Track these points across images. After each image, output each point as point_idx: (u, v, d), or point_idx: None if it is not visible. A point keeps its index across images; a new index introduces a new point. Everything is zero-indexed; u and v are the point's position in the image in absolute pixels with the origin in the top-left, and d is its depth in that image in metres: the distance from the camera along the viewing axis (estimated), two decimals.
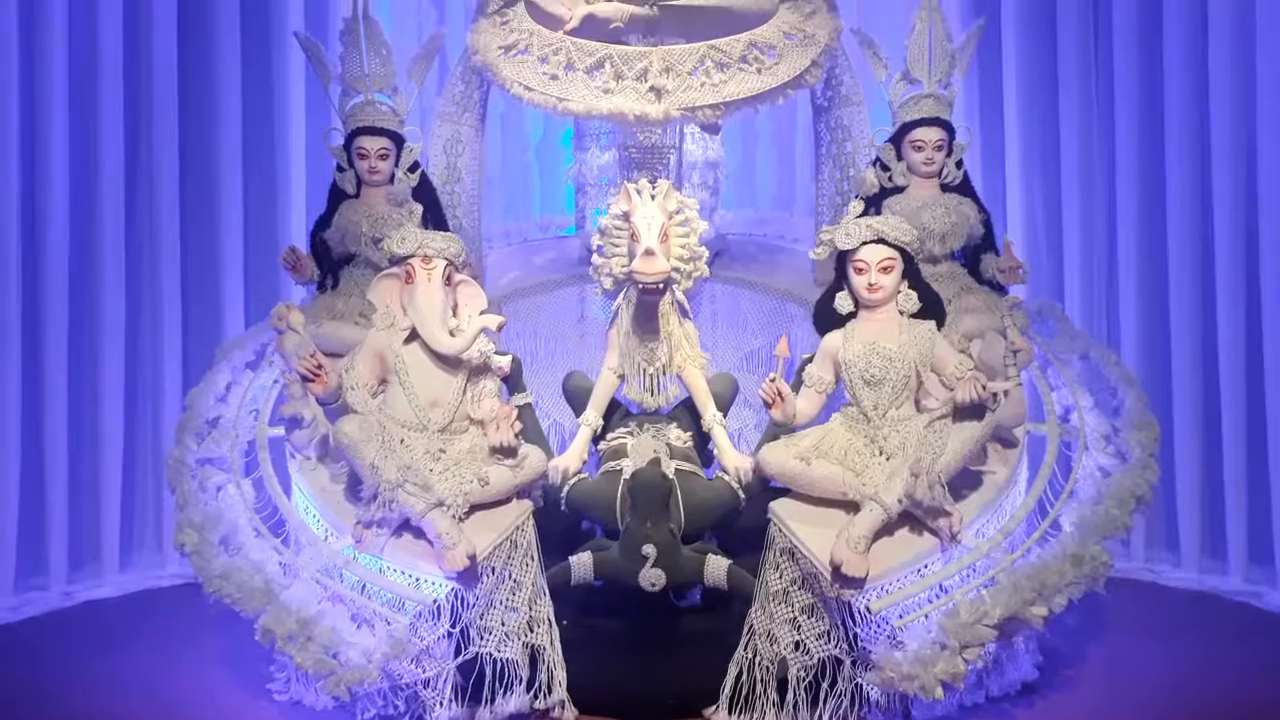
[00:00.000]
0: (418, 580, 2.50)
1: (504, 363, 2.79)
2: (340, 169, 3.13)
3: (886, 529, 2.51)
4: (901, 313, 2.70)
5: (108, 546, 3.69)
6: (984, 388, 2.54)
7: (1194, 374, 3.67)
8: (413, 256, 2.70)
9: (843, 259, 2.72)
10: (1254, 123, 3.59)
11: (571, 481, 2.75)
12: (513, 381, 2.86)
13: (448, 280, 2.72)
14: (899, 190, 3.08)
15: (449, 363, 2.69)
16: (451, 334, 2.69)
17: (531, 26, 2.96)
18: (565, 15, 2.95)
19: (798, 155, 4.00)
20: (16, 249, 3.54)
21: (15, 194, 3.52)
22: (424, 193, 3.11)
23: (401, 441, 2.59)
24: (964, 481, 2.64)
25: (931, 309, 2.72)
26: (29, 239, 3.58)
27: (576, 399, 2.95)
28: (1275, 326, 3.54)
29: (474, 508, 2.56)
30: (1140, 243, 3.77)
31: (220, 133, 3.78)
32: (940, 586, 2.50)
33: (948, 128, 3.06)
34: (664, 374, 2.83)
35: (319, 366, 2.58)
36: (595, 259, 2.83)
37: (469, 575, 2.48)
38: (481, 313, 2.73)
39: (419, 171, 3.12)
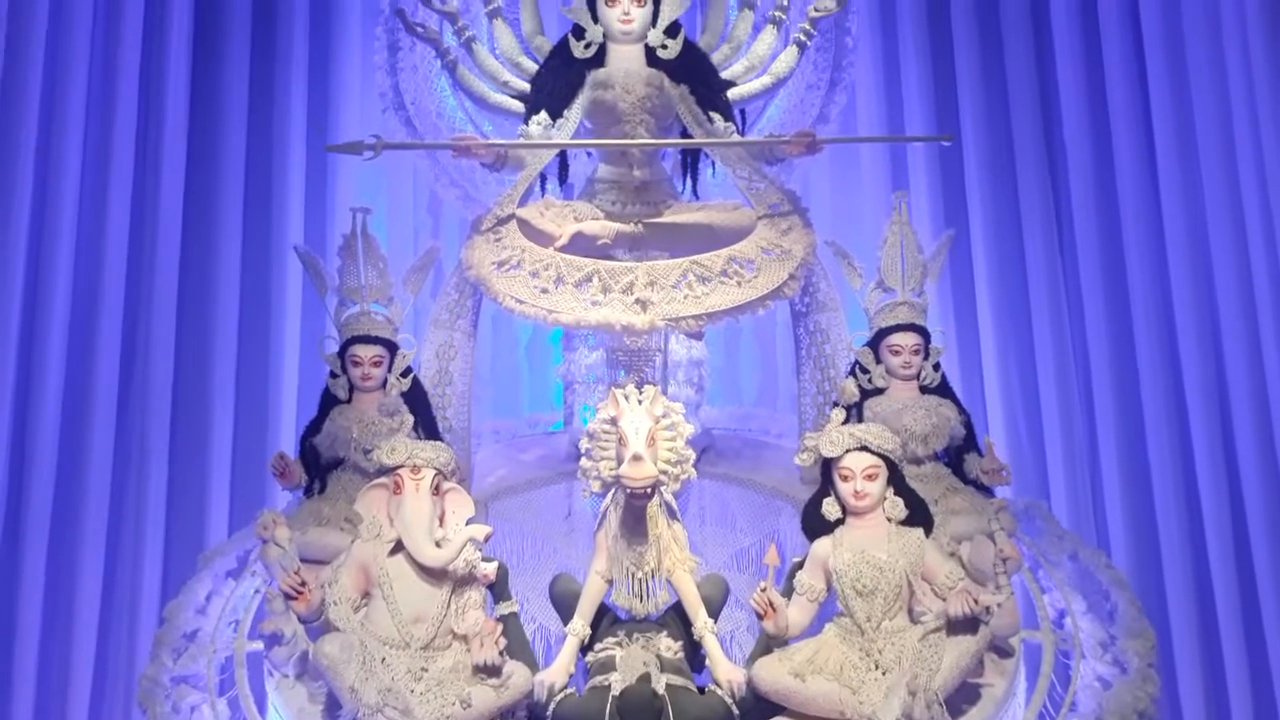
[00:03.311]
0: None
1: (489, 570, 2.76)
2: (333, 375, 3.20)
3: None
4: (889, 520, 2.71)
5: None
6: (976, 601, 2.52)
7: (1185, 570, 3.65)
8: (402, 467, 2.73)
9: (828, 465, 2.76)
10: (1215, 309, 3.74)
11: (558, 698, 2.66)
12: (498, 589, 2.82)
13: (436, 489, 2.73)
14: (879, 392, 3.16)
15: (434, 575, 2.67)
16: (438, 544, 2.67)
17: (523, 243, 3.11)
18: (555, 233, 3.11)
19: (779, 351, 4.11)
20: (6, 448, 3.54)
21: (11, 385, 3.56)
22: (415, 397, 3.16)
23: (383, 660, 2.53)
24: (962, 696, 2.58)
25: (918, 515, 2.74)
26: (18, 436, 3.59)
27: (563, 604, 2.90)
28: (1259, 518, 3.57)
29: None
30: (1120, 436, 3.83)
31: (216, 339, 3.87)
32: None
33: (923, 333, 3.16)
34: (653, 578, 2.80)
35: (302, 584, 2.55)
36: (584, 462, 2.86)
37: None
38: (468, 522, 2.74)
39: (411, 376, 3.19)
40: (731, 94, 3.31)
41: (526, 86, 3.32)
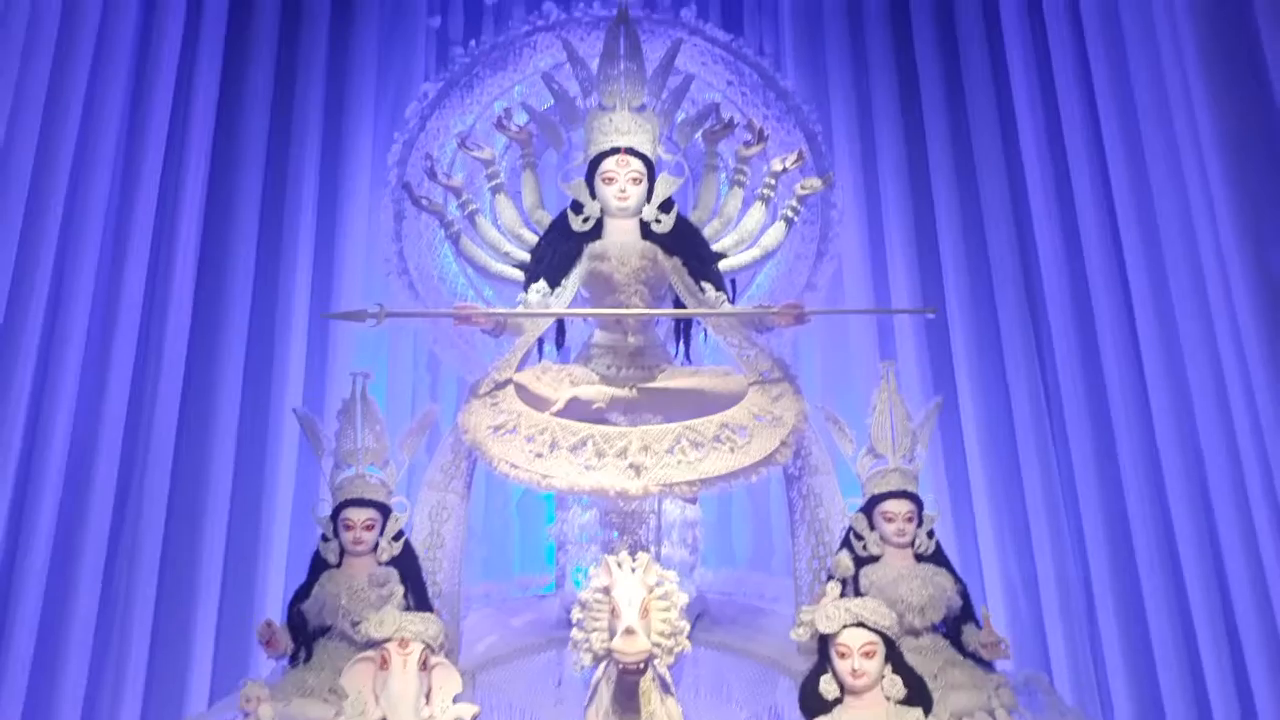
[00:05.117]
0: None
1: None
2: (325, 539, 3.18)
3: None
4: (888, 699, 2.66)
5: None
6: None
7: None
8: (390, 640, 2.68)
9: (825, 641, 2.72)
10: (1204, 473, 3.76)
11: None
12: None
13: (423, 664, 2.67)
14: (874, 559, 3.13)
15: None
16: None
17: (520, 408, 3.15)
18: (552, 398, 3.16)
19: (772, 510, 4.10)
20: None
21: (0, 540, 3.52)
22: (406, 562, 3.13)
23: None
24: None
25: (917, 694, 2.68)
26: (3, 590, 3.51)
27: None
28: (1264, 687, 3.48)
29: None
30: (1118, 602, 3.79)
31: (208, 499, 3.85)
32: None
33: (916, 499, 3.17)
34: None
35: None
36: (575, 633, 2.81)
37: None
38: (455, 698, 2.67)
39: (403, 540, 3.16)
40: (722, 265, 3.43)
41: (526, 256, 3.44)
